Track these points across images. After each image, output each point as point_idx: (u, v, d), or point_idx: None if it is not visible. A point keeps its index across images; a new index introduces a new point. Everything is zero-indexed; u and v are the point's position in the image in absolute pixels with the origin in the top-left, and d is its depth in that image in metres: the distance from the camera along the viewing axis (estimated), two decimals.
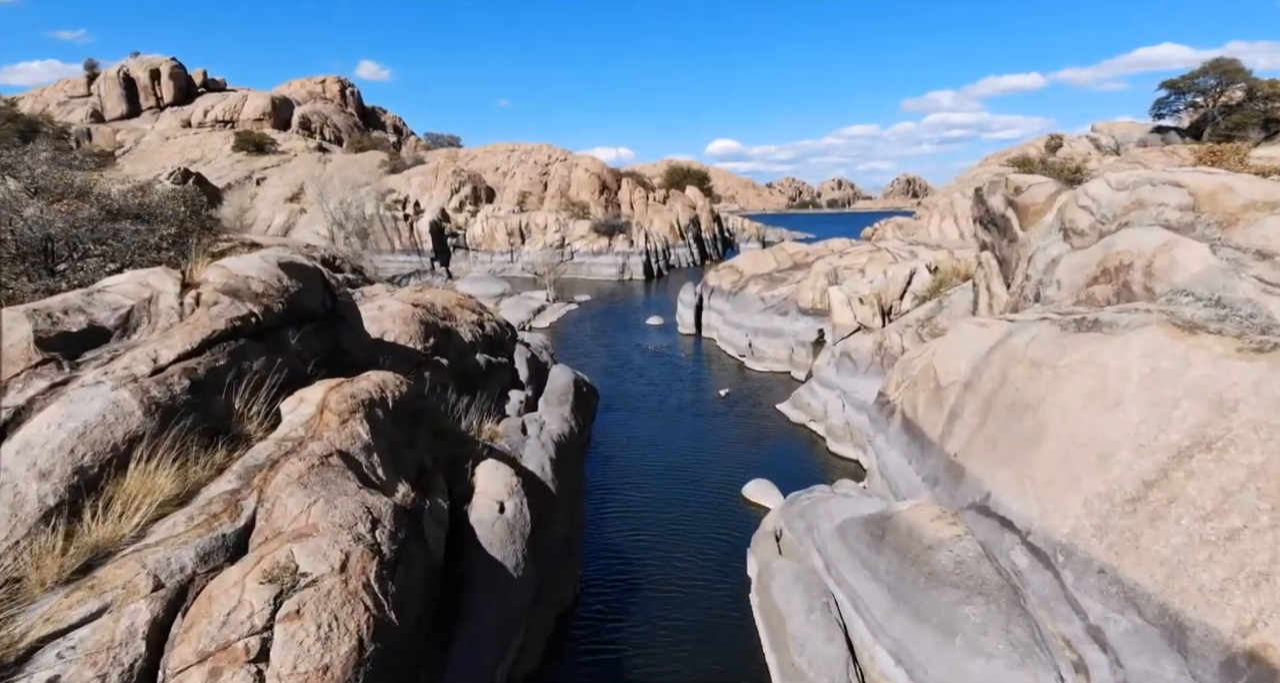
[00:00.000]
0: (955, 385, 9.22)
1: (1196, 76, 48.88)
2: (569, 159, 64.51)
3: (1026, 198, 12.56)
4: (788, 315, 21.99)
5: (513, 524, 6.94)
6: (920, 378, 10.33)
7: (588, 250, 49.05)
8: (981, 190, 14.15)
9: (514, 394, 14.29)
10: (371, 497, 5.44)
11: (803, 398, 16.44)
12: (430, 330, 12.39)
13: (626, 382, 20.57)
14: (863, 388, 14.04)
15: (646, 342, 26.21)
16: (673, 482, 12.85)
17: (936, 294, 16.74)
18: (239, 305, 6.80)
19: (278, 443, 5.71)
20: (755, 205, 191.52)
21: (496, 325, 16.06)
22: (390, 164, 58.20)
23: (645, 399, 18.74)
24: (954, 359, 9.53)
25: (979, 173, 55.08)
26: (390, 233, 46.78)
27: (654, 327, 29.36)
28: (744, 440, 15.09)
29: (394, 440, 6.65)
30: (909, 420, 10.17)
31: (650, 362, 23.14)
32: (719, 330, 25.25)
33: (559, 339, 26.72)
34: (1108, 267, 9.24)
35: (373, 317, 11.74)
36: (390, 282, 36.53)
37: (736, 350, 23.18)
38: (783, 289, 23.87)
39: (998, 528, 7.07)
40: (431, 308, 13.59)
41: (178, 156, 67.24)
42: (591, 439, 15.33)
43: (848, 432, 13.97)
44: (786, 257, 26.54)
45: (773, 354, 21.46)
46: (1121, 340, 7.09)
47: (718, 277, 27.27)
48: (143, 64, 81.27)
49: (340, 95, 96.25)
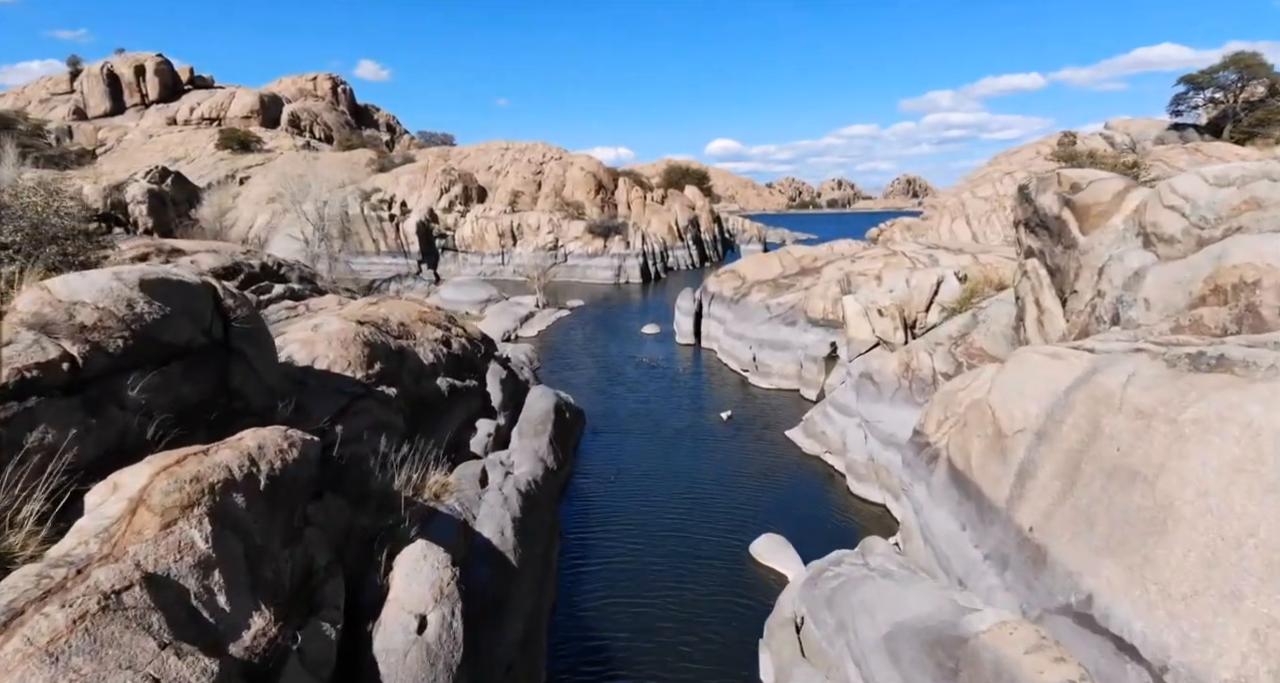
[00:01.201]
0: (1024, 435, 7.22)
1: (1216, 71, 46.97)
2: (564, 157, 62.48)
3: (1087, 196, 10.57)
4: (796, 326, 19.98)
5: (435, 652, 4.94)
6: (972, 418, 8.33)
7: (582, 252, 47.03)
8: (1027, 188, 12.16)
9: (482, 425, 12.28)
10: (177, 665, 3.43)
11: (816, 424, 14.44)
12: (377, 353, 10.38)
13: (617, 400, 18.57)
14: (889, 417, 12.04)
15: (641, 353, 24.21)
16: (666, 532, 10.84)
17: (967, 306, 14.75)
18: (43, 347, 4.79)
19: (45, 570, 3.70)
20: (755, 205, 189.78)
21: (467, 342, 14.05)
22: (378, 162, 56.20)
23: (638, 421, 16.74)
24: (1019, 399, 7.53)
25: (989, 171, 53.10)
26: (375, 234, 44.75)
27: (649, 336, 27.35)
28: (750, 476, 13.09)
29: (262, 540, 4.64)
30: (959, 472, 8.18)
31: (644, 377, 21.13)
32: (719, 341, 23.25)
33: (546, 350, 24.72)
34: (1220, 284, 7.24)
35: (303, 340, 9.73)
36: (369, 288, 34.51)
37: (739, 364, 21.18)
38: (789, 297, 21.88)
39: (1113, 653, 5.07)
40: (383, 325, 11.58)
41: (161, 155, 65.15)
42: (574, 472, 13.33)
43: (872, 470, 11.97)
44: (793, 261, 24.54)
45: (779, 369, 19.45)
46: (1270, 388, 5.07)
47: (718, 282, 25.27)
48: (127, 61, 79.16)
49: (332, 93, 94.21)
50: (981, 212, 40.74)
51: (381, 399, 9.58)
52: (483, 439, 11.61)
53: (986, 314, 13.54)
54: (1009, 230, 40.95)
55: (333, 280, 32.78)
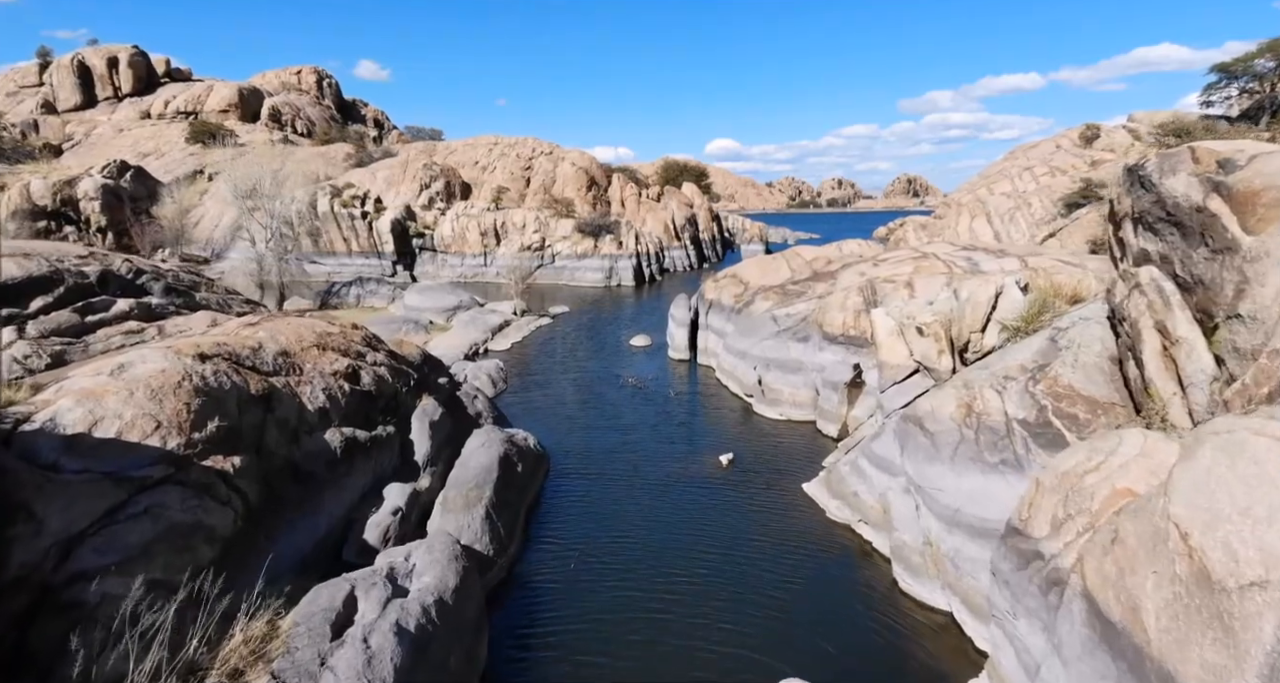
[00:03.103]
0: (1263, 591, 3.93)
1: (1251, 59, 43.73)
2: (555, 153, 59.13)
3: (1252, 178, 7.27)
4: (809, 343, 16.70)
5: None
6: (1132, 537, 5.09)
7: (570, 253, 43.68)
8: (1143, 168, 8.86)
9: (392, 494, 8.96)
10: None
11: (844, 481, 11.15)
12: (215, 406, 7.06)
13: (594, 434, 15.27)
14: (950, 485, 8.75)
15: (628, 371, 20.91)
16: (636, 664, 7.53)
17: (1034, 325, 11.47)
18: None
19: None
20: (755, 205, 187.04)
21: (389, 372, 10.73)
22: (356, 157, 52.84)
23: (615, 464, 13.45)
24: (1247, 524, 4.27)
25: (1005, 167, 49.83)
26: (346, 233, 41.40)
27: (639, 350, 24.04)
28: (760, 559, 9.78)
29: None
30: (1115, 628, 4.94)
31: (629, 402, 17.84)
32: (719, 357, 19.96)
33: (518, 366, 21.42)
34: None
35: (85, 392, 6.41)
36: (325, 294, 31.10)
37: (742, 387, 17.88)
38: (800, 306, 18.59)
39: None
40: (248, 357, 8.27)
41: (130, 150, 61.78)
42: (520, 556, 9.97)
43: (929, 559, 8.67)
44: (803, 264, 21.25)
45: (790, 396, 16.16)
46: None
47: (717, 288, 21.97)
48: (100, 52, 75.70)
49: (317, 87, 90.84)
50: (1004, 209, 37.48)
51: (198, 483, 6.26)
52: (384, 521, 8.29)
53: (1069, 338, 10.23)
54: (1036, 229, 37.66)
55: (281, 286, 29.43)
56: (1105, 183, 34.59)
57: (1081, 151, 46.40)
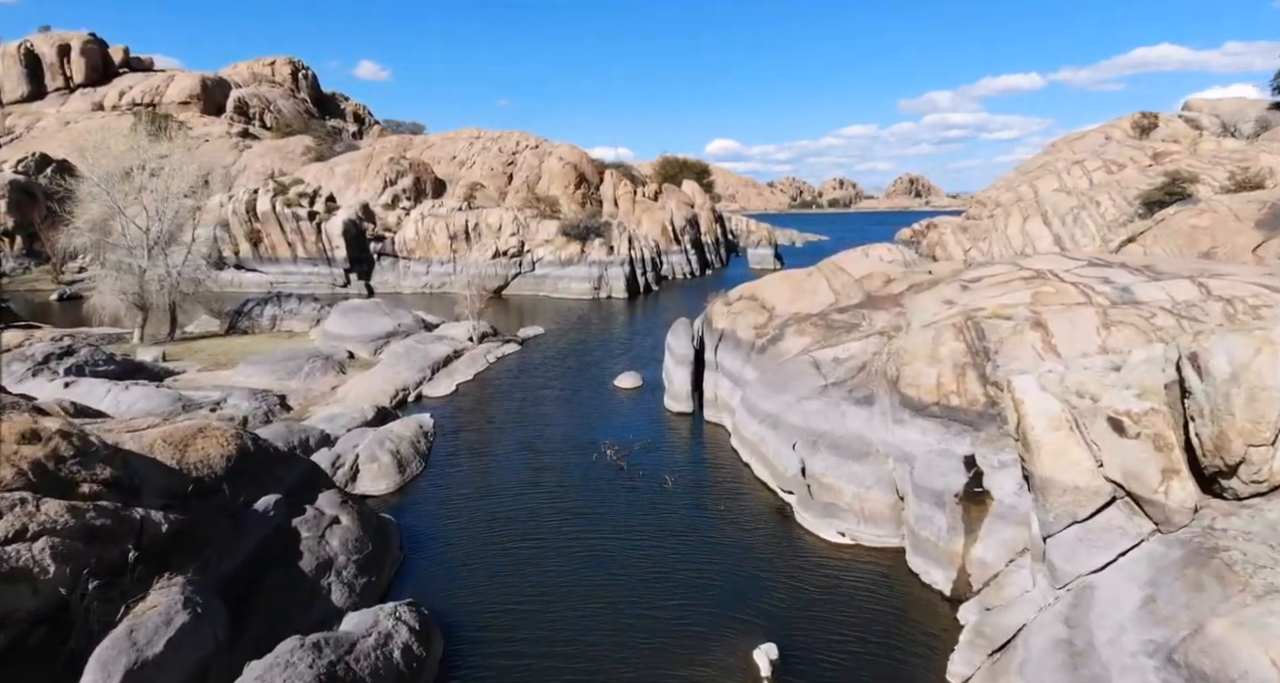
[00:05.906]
0: None
1: None
2: (541, 147, 53.25)
3: None
4: (875, 409, 10.87)
5: None
6: None
7: (553, 259, 37.78)
8: None
9: None
10: None
11: None
12: None
13: (538, 574, 9.43)
14: None
15: (608, 433, 15.03)
16: None
17: None
18: None
19: None
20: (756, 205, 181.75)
21: (52, 556, 4.76)
22: (315, 151, 46.95)
23: (565, 659, 7.62)
24: None
25: (1048, 161, 44.02)
26: (290, 236, 35.50)
27: (626, 394, 18.16)
28: None
29: None
30: None
31: (605, 492, 12.00)
32: (735, 417, 14.11)
33: (454, 423, 15.54)
34: None
35: None
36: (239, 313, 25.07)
37: (773, 475, 12.00)
38: (853, 346, 12.75)
39: None
40: None
41: (70, 145, 55.98)
42: None
43: None
44: (850, 283, 15.36)
45: (856, 500, 10.28)
46: None
47: (730, 315, 16.12)
48: (50, 39, 69.78)
49: (292, 79, 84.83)
50: (1065, 208, 31.69)
51: None
52: None
53: None
54: (1107, 232, 31.83)
55: (172, 306, 23.53)
56: (1198, 177, 28.78)
57: (1140, 143, 40.49)
